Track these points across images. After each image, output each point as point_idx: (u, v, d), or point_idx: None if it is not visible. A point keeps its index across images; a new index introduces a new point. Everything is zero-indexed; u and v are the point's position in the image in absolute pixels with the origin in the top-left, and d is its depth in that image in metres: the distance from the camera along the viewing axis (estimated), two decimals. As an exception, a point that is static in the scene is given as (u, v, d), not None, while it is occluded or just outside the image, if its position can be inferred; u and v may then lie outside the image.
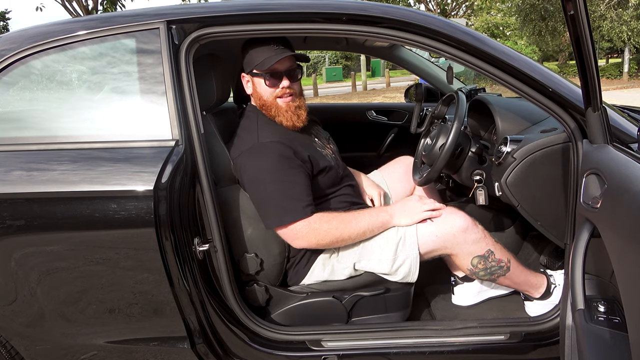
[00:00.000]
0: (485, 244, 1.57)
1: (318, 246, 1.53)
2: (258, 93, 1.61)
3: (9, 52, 1.41)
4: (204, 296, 1.44)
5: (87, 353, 1.50)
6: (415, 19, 1.39)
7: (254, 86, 1.62)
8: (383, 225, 1.56)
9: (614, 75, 16.68)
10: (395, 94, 13.99)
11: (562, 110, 1.35)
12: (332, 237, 1.51)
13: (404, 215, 1.57)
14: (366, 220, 1.54)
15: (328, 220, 1.50)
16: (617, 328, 1.07)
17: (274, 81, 1.57)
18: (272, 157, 1.50)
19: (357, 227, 1.53)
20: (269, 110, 1.60)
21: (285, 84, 1.57)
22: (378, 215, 1.57)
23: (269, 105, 1.60)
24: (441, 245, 1.56)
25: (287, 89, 1.58)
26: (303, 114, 1.63)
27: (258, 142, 1.54)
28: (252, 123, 1.62)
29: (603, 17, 14.99)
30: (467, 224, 1.55)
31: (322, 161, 1.62)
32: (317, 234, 1.49)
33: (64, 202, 1.32)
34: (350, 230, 1.52)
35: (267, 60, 1.53)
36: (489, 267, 1.58)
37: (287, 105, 1.59)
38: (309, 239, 1.49)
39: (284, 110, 1.59)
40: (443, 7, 21.90)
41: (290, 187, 1.48)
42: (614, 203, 1.05)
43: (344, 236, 1.52)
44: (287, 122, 1.60)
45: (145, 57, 1.39)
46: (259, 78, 1.58)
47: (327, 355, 1.51)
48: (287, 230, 1.49)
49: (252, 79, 1.61)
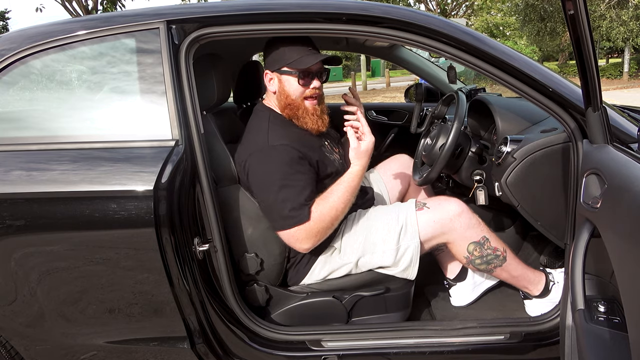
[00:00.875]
0: (480, 230, 1.59)
1: (320, 240, 1.52)
2: (286, 91, 1.59)
3: (8, 52, 1.41)
4: (204, 296, 1.44)
5: (87, 353, 1.50)
6: (415, 19, 1.39)
7: (281, 84, 1.59)
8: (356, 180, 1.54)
9: (614, 75, 16.67)
10: (395, 94, 13.99)
11: (562, 110, 1.35)
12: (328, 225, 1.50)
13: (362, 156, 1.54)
14: (341, 185, 1.53)
15: (318, 210, 1.48)
16: (617, 328, 1.07)
17: (307, 80, 1.56)
18: (281, 160, 1.49)
19: (341, 198, 1.51)
20: (295, 110, 1.59)
21: (317, 84, 1.58)
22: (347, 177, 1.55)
23: (296, 105, 1.59)
24: (439, 231, 1.57)
25: (317, 90, 1.58)
26: (327, 118, 1.64)
27: (268, 144, 1.53)
28: (263, 123, 1.60)
29: (603, 16, 14.99)
30: (461, 208, 1.58)
31: (330, 167, 1.62)
32: (315, 232, 1.48)
33: (64, 202, 1.32)
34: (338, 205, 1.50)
35: (303, 60, 1.52)
36: (485, 255, 1.59)
37: (313, 108, 1.59)
38: (309, 240, 1.49)
39: (310, 112, 1.59)
40: (443, 7, 21.91)
41: (297, 192, 1.47)
42: (614, 203, 1.05)
43: (337, 215, 1.51)
44: (313, 125, 1.60)
45: (145, 57, 1.39)
46: (290, 76, 1.57)
47: (327, 355, 1.52)
48: (289, 233, 1.48)
49: (281, 77, 1.59)
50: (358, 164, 1.54)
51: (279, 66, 1.57)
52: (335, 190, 1.53)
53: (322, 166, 1.59)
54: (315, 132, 1.61)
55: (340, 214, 1.52)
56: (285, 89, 1.59)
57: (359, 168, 1.54)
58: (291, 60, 1.54)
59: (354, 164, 1.55)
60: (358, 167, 1.54)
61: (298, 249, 1.52)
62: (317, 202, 1.50)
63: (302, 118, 1.59)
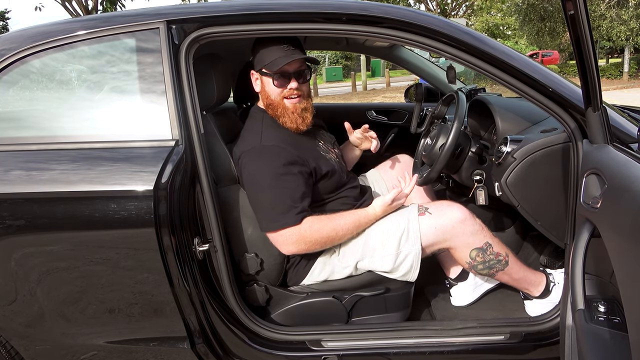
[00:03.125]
0: (483, 237, 1.58)
1: (308, 251, 1.54)
2: (266, 92, 1.61)
3: (9, 51, 1.41)
4: (204, 296, 1.44)
5: (87, 353, 1.50)
6: (415, 19, 1.39)
7: (262, 85, 1.62)
8: (369, 222, 1.59)
9: (614, 75, 16.68)
10: (395, 94, 14.00)
11: (562, 110, 1.35)
12: (322, 241, 1.52)
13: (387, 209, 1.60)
14: (352, 217, 1.56)
15: (318, 225, 1.50)
16: (617, 328, 1.07)
17: (283, 81, 1.56)
18: (271, 161, 1.49)
19: (345, 227, 1.54)
20: (275, 109, 1.60)
21: (294, 85, 1.57)
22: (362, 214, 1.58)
23: (276, 105, 1.60)
24: (441, 237, 1.57)
25: (294, 91, 1.57)
26: (308, 116, 1.62)
27: (260, 143, 1.54)
28: (257, 124, 1.62)
29: (603, 16, 15.00)
30: (464, 215, 1.57)
31: (326, 165, 1.62)
32: (307, 240, 1.49)
33: (63, 202, 1.32)
34: (339, 231, 1.53)
35: (276, 61, 1.52)
36: (487, 260, 1.59)
37: (293, 107, 1.59)
38: (298, 245, 1.50)
39: (290, 111, 1.59)
40: (443, 7, 21.89)
41: (285, 194, 1.47)
42: (614, 203, 1.05)
43: (334, 239, 1.54)
44: (291, 124, 1.60)
45: (145, 56, 1.39)
46: (267, 77, 1.58)
47: (327, 355, 1.52)
48: (275, 236, 1.49)
49: (261, 78, 1.61)
50: (379, 210, 1.58)
51: (259, 67, 1.59)
52: (344, 216, 1.55)
53: (318, 166, 1.59)
54: (295, 130, 1.61)
55: (337, 239, 1.55)
56: (265, 90, 1.61)
57: (377, 212, 1.58)
58: (267, 62, 1.55)
59: (376, 207, 1.58)
60: (376, 212, 1.58)
61: (282, 251, 1.52)
62: (321, 217, 1.52)
63: (281, 117, 1.60)
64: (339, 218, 1.54)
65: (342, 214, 1.57)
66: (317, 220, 1.50)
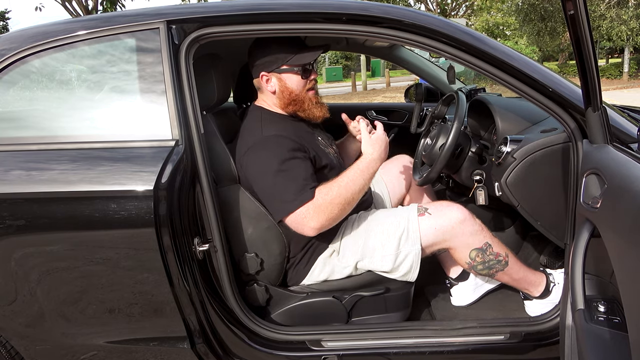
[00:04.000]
0: (482, 237, 1.58)
1: (329, 221, 1.47)
2: (288, 88, 1.60)
3: (9, 51, 1.41)
4: (204, 296, 1.44)
5: (87, 353, 1.50)
6: (415, 19, 1.39)
7: (282, 82, 1.60)
8: (370, 167, 1.54)
9: (614, 75, 16.68)
10: (395, 94, 14.00)
11: (562, 110, 1.35)
12: (339, 204, 1.47)
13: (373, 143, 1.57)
14: (355, 173, 1.52)
15: (327, 189, 1.47)
16: (617, 328, 1.07)
17: (307, 73, 1.61)
18: (276, 149, 1.49)
19: (354, 183, 1.50)
20: (301, 104, 1.62)
21: (315, 75, 1.65)
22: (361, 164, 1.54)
23: (302, 98, 1.62)
24: (440, 238, 1.57)
25: (314, 81, 1.64)
26: (326, 106, 1.70)
27: (262, 135, 1.54)
28: (256, 121, 1.62)
29: (603, 16, 15.00)
30: (464, 215, 1.57)
31: (325, 158, 1.62)
32: (324, 209, 1.45)
33: (63, 202, 1.32)
34: (350, 189, 1.49)
35: (303, 56, 1.57)
36: (487, 260, 1.59)
37: (315, 98, 1.65)
38: (318, 218, 1.45)
39: (314, 101, 1.64)
40: (443, 7, 21.90)
41: (296, 175, 1.46)
42: (614, 203, 1.05)
43: (349, 198, 1.49)
44: (319, 113, 1.65)
45: (145, 57, 1.39)
46: (290, 74, 1.59)
47: (327, 355, 1.52)
48: (295, 217, 1.45)
49: (280, 76, 1.60)
50: (370, 151, 1.55)
51: (276, 66, 1.58)
52: (346, 174, 1.52)
53: (318, 157, 1.59)
54: (321, 119, 1.67)
55: (351, 196, 1.49)
56: (287, 86, 1.60)
57: (370, 156, 1.55)
58: (289, 58, 1.56)
59: (366, 152, 1.56)
60: (370, 156, 1.55)
61: (307, 233, 1.47)
62: (325, 184, 1.49)
63: (308, 110, 1.63)
64: (342, 177, 1.51)
65: (343, 173, 1.53)
66: (325, 187, 1.47)
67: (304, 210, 1.44)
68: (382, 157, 1.57)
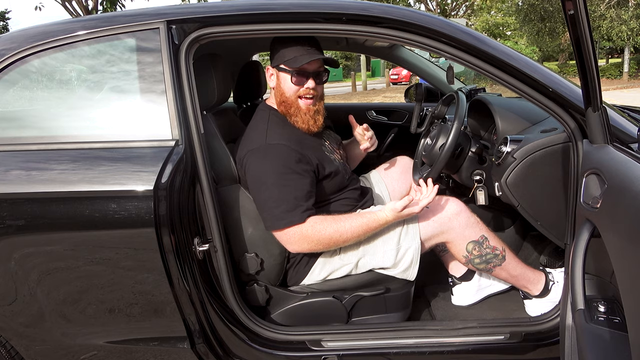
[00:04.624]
0: (479, 229, 1.60)
1: (312, 251, 1.53)
2: (281, 88, 1.60)
3: (9, 51, 1.41)
4: (204, 296, 1.44)
5: (87, 353, 1.50)
6: (415, 19, 1.39)
7: (279, 81, 1.61)
8: (377, 222, 1.53)
9: (614, 75, 16.68)
10: (395, 94, 14.00)
11: (562, 110, 1.35)
12: (326, 242, 1.49)
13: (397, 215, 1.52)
14: (361, 220, 1.52)
15: (321, 226, 1.48)
16: (617, 328, 1.07)
17: (300, 79, 1.57)
18: (276, 160, 1.49)
19: (352, 230, 1.50)
20: (288, 107, 1.60)
21: (311, 84, 1.58)
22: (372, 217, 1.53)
23: (290, 103, 1.60)
24: (438, 230, 1.58)
25: (311, 90, 1.58)
26: (320, 119, 1.63)
27: (266, 142, 1.53)
28: (263, 122, 1.61)
29: (603, 16, 15.00)
30: (460, 208, 1.59)
31: (329, 166, 1.62)
32: (310, 240, 1.48)
33: (63, 202, 1.32)
34: (344, 233, 1.49)
35: (299, 59, 1.53)
36: (484, 254, 1.60)
37: (307, 108, 1.59)
38: (301, 244, 1.48)
39: (303, 111, 1.59)
40: (443, 7, 21.89)
41: (290, 192, 1.47)
42: (614, 203, 1.05)
43: (339, 241, 1.50)
44: (303, 125, 1.60)
45: (145, 56, 1.39)
46: (285, 74, 1.58)
47: (327, 355, 1.52)
48: (281, 234, 1.49)
49: (278, 74, 1.61)
50: (389, 215, 1.51)
51: (277, 63, 1.59)
52: (351, 218, 1.52)
53: (322, 166, 1.59)
54: (306, 131, 1.61)
55: (341, 241, 1.50)
56: (281, 86, 1.60)
57: (388, 217, 1.51)
58: (287, 58, 1.56)
59: (387, 212, 1.51)
60: (387, 216, 1.51)
61: (288, 249, 1.52)
62: (326, 217, 1.50)
63: (293, 116, 1.60)
64: (345, 220, 1.51)
65: (350, 215, 1.54)
66: (321, 221, 1.49)
67: (290, 232, 1.46)
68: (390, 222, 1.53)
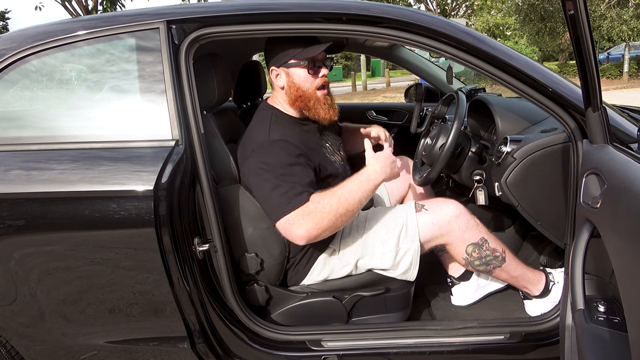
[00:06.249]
0: (478, 232, 1.59)
1: (319, 231, 1.42)
2: (295, 84, 1.58)
3: (9, 51, 1.41)
4: (204, 296, 1.44)
5: (87, 353, 1.50)
6: (415, 19, 1.39)
7: (290, 77, 1.59)
8: (370, 180, 1.50)
9: (614, 75, 16.66)
10: (395, 94, 13.99)
11: (562, 110, 1.35)
12: (329, 214, 1.42)
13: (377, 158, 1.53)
14: (354, 185, 1.48)
15: (320, 197, 1.44)
16: (617, 328, 1.07)
17: (315, 69, 1.57)
18: (279, 154, 1.48)
19: (350, 196, 1.46)
20: (306, 101, 1.59)
21: (325, 72, 1.59)
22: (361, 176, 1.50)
23: (308, 96, 1.58)
24: (437, 232, 1.57)
25: (325, 78, 1.60)
26: (337, 109, 1.65)
27: (268, 139, 1.53)
28: (265, 121, 1.60)
29: (603, 16, 14.99)
30: (460, 210, 1.58)
31: (330, 167, 1.61)
32: (314, 215, 1.41)
33: (63, 202, 1.32)
34: (345, 201, 1.44)
35: (311, 49, 1.53)
36: (483, 256, 1.59)
37: (324, 98, 1.60)
38: (307, 223, 1.40)
39: (322, 101, 1.60)
40: (443, 7, 21.89)
41: (294, 181, 1.44)
42: (614, 203, 1.05)
43: (341, 211, 1.43)
44: (325, 115, 1.60)
45: (145, 56, 1.39)
46: (299, 68, 1.57)
47: (327, 355, 1.52)
48: (286, 221, 1.42)
49: (288, 70, 1.59)
50: (373, 163, 1.51)
51: (285, 60, 1.58)
52: (344, 185, 1.48)
53: (323, 167, 1.58)
54: (328, 121, 1.62)
55: (344, 208, 1.44)
56: (295, 82, 1.59)
57: (372, 169, 1.50)
58: (296, 52, 1.55)
59: (369, 165, 1.52)
60: (372, 168, 1.50)
61: (294, 239, 1.43)
62: (322, 192, 1.46)
63: (313, 109, 1.59)
64: (338, 188, 1.47)
65: (340, 185, 1.49)
66: (320, 195, 1.44)
67: (294, 215, 1.41)
68: (385, 172, 1.52)
